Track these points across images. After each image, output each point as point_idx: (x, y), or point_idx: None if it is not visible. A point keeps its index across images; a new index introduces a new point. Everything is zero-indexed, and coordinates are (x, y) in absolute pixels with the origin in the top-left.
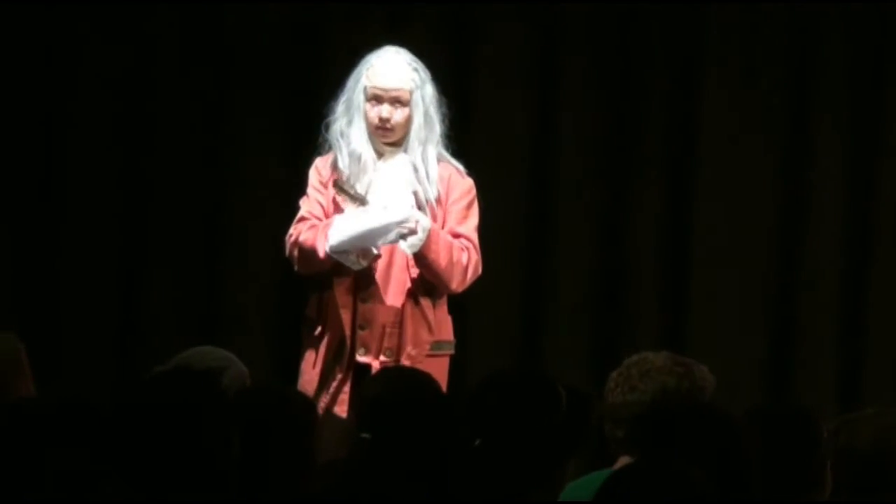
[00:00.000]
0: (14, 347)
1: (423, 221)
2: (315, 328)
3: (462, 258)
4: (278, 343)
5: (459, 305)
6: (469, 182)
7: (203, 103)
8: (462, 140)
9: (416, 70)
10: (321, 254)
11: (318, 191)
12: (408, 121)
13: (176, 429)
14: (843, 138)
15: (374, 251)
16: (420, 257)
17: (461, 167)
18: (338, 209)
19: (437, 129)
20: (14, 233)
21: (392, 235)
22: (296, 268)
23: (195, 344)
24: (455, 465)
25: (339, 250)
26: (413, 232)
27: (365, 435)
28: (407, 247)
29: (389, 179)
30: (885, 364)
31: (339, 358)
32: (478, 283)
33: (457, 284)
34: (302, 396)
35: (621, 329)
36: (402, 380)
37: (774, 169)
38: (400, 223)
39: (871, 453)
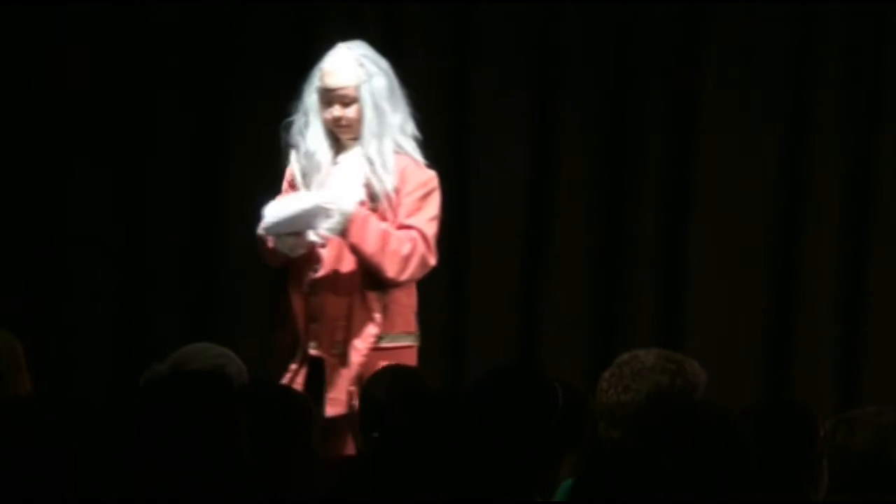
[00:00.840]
0: (10, 344)
1: (343, 206)
2: (280, 322)
3: (402, 248)
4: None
5: (456, 303)
6: (427, 174)
7: (205, 103)
8: (459, 134)
9: (362, 65)
10: (270, 243)
11: (286, 189)
12: (360, 116)
13: (188, 430)
14: (842, 137)
15: (310, 238)
16: (349, 244)
17: (420, 159)
18: None
19: (391, 120)
20: (11, 231)
21: (317, 221)
22: (262, 260)
23: (189, 341)
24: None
25: (273, 234)
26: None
27: (374, 434)
28: (325, 230)
29: (342, 174)
30: (883, 362)
31: (294, 351)
32: (476, 280)
33: (394, 273)
34: (299, 394)
35: (618, 327)
36: (402, 378)
37: (774, 166)
38: (323, 207)
39: (869, 452)
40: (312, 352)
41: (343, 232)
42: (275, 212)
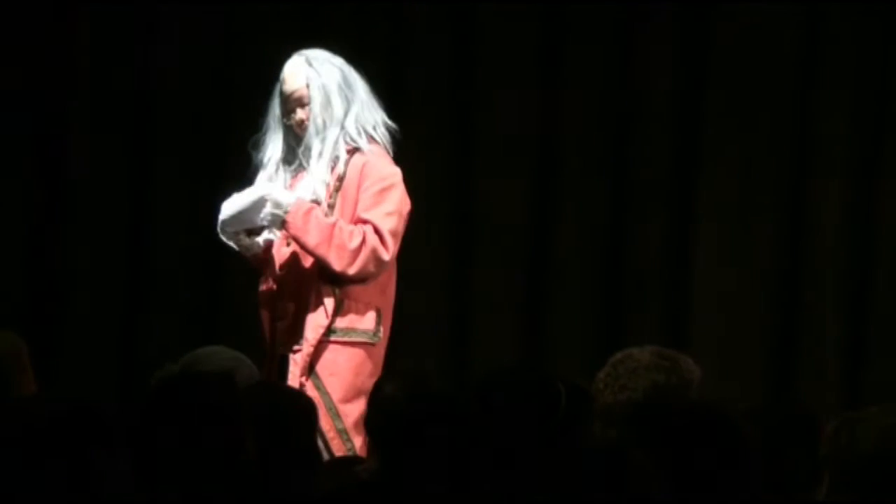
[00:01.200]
0: (15, 345)
1: (278, 197)
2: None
3: (350, 241)
4: None
5: (461, 302)
6: (390, 170)
7: (210, 105)
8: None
9: (310, 65)
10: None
11: None
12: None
13: (193, 430)
14: (848, 138)
15: (265, 234)
16: (289, 236)
17: (387, 154)
18: None
19: (340, 114)
20: (20, 232)
21: (262, 214)
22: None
23: (195, 344)
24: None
25: (229, 231)
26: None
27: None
28: (262, 221)
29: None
30: (887, 363)
31: (265, 351)
32: (481, 279)
33: (341, 266)
34: (303, 395)
35: (622, 326)
36: (409, 379)
37: (779, 167)
38: (265, 199)
39: (873, 452)
40: (281, 350)
41: (282, 223)
42: (227, 208)
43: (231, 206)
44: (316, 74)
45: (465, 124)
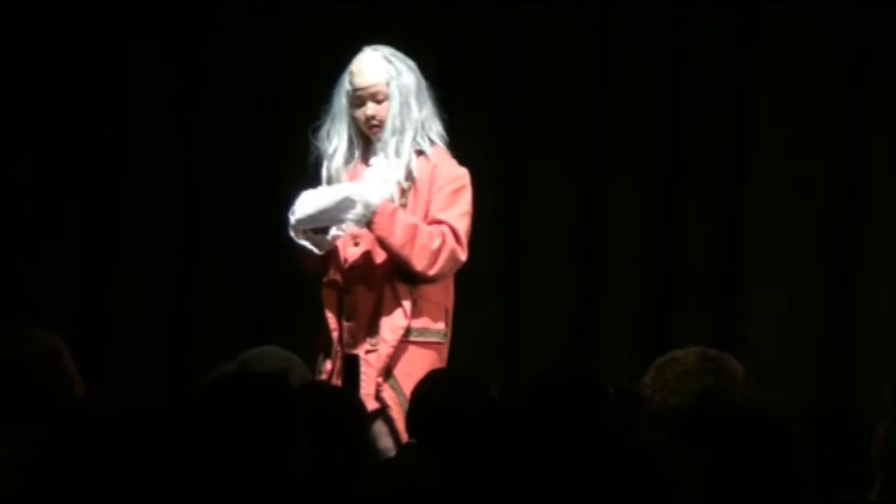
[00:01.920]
0: (53, 347)
1: (369, 197)
2: (318, 326)
3: (432, 243)
4: None
5: (508, 304)
6: (460, 171)
7: (262, 110)
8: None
9: (390, 63)
10: (293, 240)
11: None
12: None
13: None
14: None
15: (334, 232)
16: (375, 237)
17: (442, 154)
18: None
19: (416, 116)
20: (70, 232)
21: (345, 214)
22: (301, 266)
23: (244, 346)
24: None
25: (303, 228)
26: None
27: (412, 440)
28: (350, 221)
29: (373, 173)
30: None
31: (328, 351)
32: (530, 282)
33: (423, 267)
34: (354, 396)
35: (671, 326)
36: (452, 381)
37: (829, 163)
38: (350, 199)
39: None
40: (349, 350)
41: (369, 224)
42: (305, 205)
43: (311, 203)
44: (396, 73)
45: (513, 125)
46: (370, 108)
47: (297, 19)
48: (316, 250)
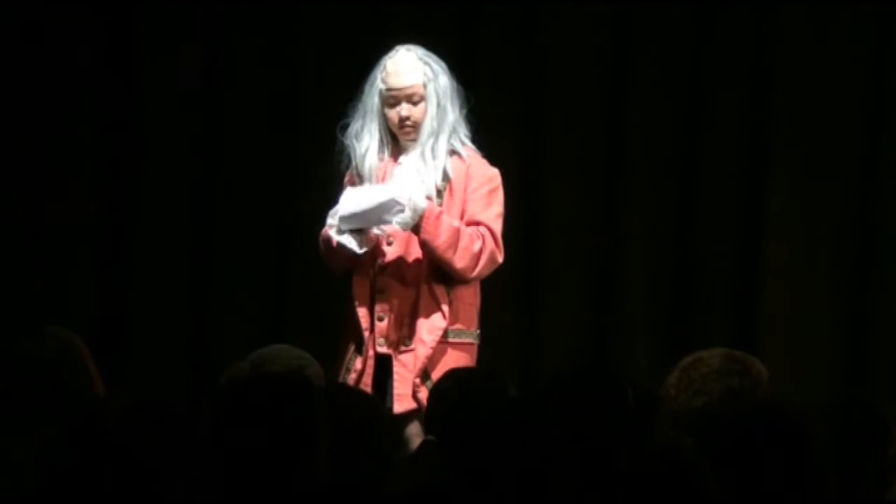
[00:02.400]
0: (72, 345)
1: (416, 200)
2: (343, 324)
3: (473, 245)
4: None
5: (527, 305)
6: (493, 171)
7: (275, 107)
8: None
9: (427, 64)
10: (332, 238)
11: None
12: (426, 114)
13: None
14: None
15: (375, 231)
16: (419, 239)
17: (474, 156)
18: None
19: (451, 118)
20: (90, 233)
21: (389, 216)
22: (325, 264)
23: (259, 344)
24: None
25: (346, 228)
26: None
27: (431, 437)
28: (396, 223)
29: (401, 174)
30: None
31: (359, 350)
32: (545, 281)
33: (465, 270)
34: (371, 396)
35: (691, 328)
36: (471, 380)
37: (846, 169)
38: (396, 201)
39: None
40: (381, 350)
41: (415, 227)
42: (350, 204)
43: (355, 203)
44: (433, 74)
45: (533, 127)
46: (405, 110)
47: (313, 18)
48: (357, 249)
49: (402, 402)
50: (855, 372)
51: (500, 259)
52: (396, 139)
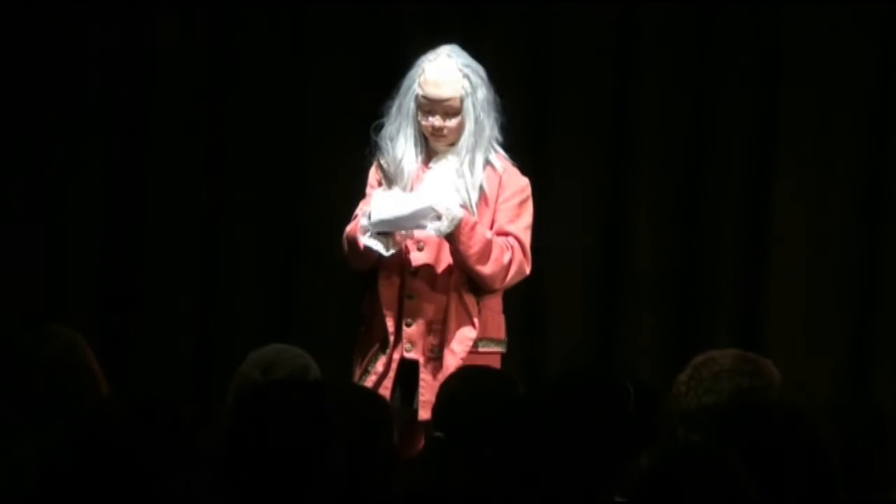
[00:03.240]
0: (75, 344)
1: (454, 210)
2: (365, 325)
3: (504, 256)
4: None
5: (532, 304)
6: (524, 181)
7: (282, 108)
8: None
9: (466, 76)
10: (359, 239)
11: (373, 190)
12: (461, 126)
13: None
14: None
15: (403, 234)
16: (454, 248)
17: (507, 166)
18: None
19: (488, 133)
20: (93, 232)
21: (425, 221)
22: (347, 263)
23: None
24: (526, 463)
25: (377, 231)
26: (440, 218)
27: (438, 434)
28: (432, 230)
29: (434, 180)
30: None
31: (381, 352)
32: (549, 281)
33: (494, 281)
34: (379, 396)
35: (693, 325)
36: (480, 379)
37: (856, 165)
38: (433, 208)
39: None
40: (407, 355)
41: (450, 235)
42: (385, 209)
43: (390, 208)
44: (472, 88)
45: (537, 126)
46: (439, 120)
47: (318, 19)
48: (384, 251)
49: (427, 410)
50: (861, 372)
51: (528, 270)
52: (428, 141)
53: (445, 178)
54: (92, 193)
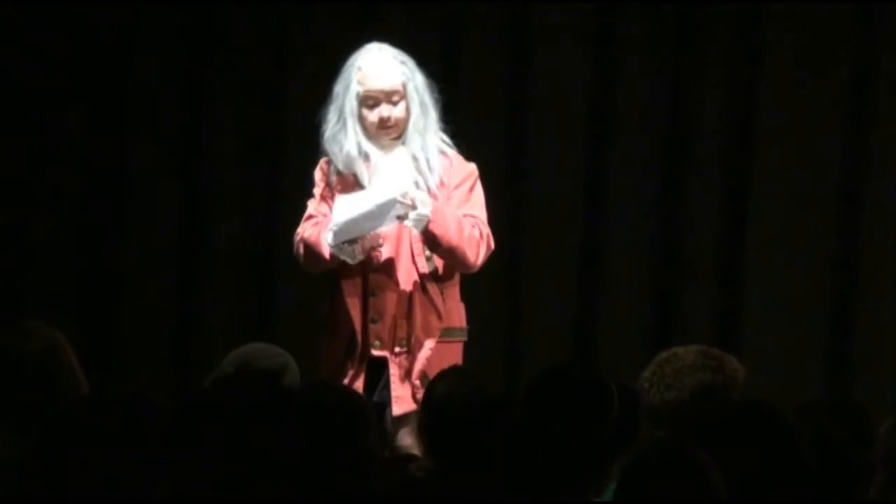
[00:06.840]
0: (58, 342)
1: (422, 197)
2: (328, 327)
3: (474, 232)
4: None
5: (511, 303)
6: (471, 166)
7: (257, 106)
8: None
9: (403, 62)
10: (325, 250)
11: (323, 189)
12: (406, 114)
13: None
14: None
15: (370, 236)
16: (428, 235)
17: (453, 152)
18: None
19: (433, 115)
20: (73, 230)
21: (392, 215)
22: (302, 266)
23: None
24: (510, 463)
25: (343, 234)
26: (413, 208)
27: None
28: (411, 223)
29: (388, 172)
30: None
31: (350, 353)
32: (529, 276)
33: (474, 258)
34: (356, 393)
35: (674, 327)
36: (465, 380)
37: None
38: (398, 200)
39: None
40: (375, 352)
41: (425, 224)
42: (349, 211)
43: (351, 210)
44: (410, 73)
45: (517, 117)
46: (385, 110)
47: (297, 13)
48: (351, 261)
49: (400, 405)
50: (838, 372)
51: (493, 245)
52: (373, 139)
53: (401, 167)
54: (69, 195)
